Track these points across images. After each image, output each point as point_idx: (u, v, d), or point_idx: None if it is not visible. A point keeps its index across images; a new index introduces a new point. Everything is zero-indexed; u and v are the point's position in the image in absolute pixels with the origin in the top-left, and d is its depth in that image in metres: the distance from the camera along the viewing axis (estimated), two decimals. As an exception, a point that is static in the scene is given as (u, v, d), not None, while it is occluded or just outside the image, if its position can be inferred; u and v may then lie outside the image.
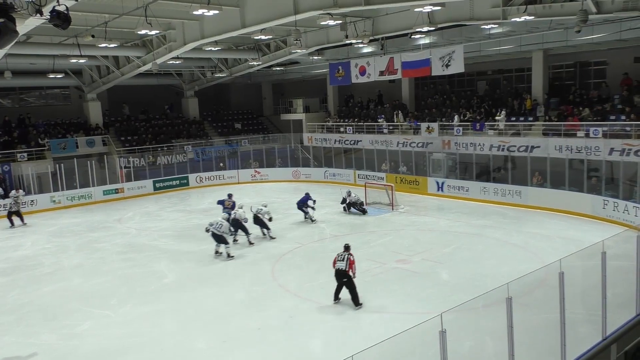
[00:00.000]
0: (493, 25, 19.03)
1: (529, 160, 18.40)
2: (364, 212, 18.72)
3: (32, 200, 22.04)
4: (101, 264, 14.15)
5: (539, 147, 18.56)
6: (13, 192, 20.17)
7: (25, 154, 24.05)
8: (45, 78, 25.12)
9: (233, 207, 16.17)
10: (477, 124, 21.32)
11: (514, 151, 19.38)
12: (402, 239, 15.19)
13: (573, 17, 14.01)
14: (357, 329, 9.32)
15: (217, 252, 14.16)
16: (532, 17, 15.05)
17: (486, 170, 20.30)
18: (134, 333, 9.65)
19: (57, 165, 23.09)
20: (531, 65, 21.70)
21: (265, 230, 15.68)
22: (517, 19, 15.41)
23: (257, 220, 15.52)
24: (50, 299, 11.66)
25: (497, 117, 20.98)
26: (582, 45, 19.45)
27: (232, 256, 13.91)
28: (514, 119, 20.85)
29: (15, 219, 19.37)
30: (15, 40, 11.65)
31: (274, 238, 15.60)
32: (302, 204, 17.74)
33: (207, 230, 13.96)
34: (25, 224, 19.41)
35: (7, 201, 20.13)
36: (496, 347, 7.96)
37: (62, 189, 22.88)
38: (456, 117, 22.33)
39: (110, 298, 11.53)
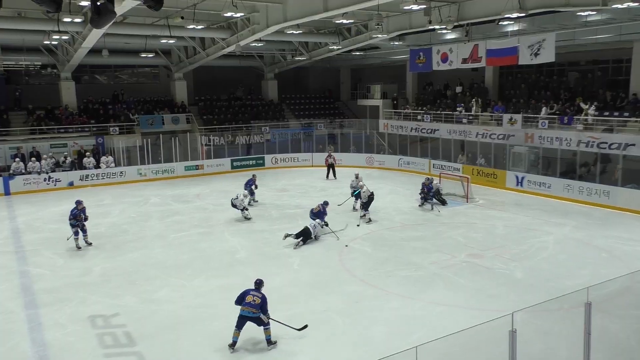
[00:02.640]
0: (591, 12, 17.68)
1: (620, 159, 17.14)
2: (443, 202, 17.97)
3: (121, 172, 23.63)
4: (180, 236, 14.92)
5: (634, 145, 17.19)
6: (104, 157, 22.89)
7: (117, 128, 25.72)
8: (137, 57, 26.58)
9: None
10: (565, 118, 20.07)
11: (604, 148, 18.10)
12: (475, 233, 14.73)
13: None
14: (423, 321, 9.20)
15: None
16: (637, 4, 13.84)
17: (572, 167, 19.13)
18: (206, 304, 10.12)
19: (145, 140, 24.53)
20: (631, 57, 20.03)
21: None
22: (619, 6, 14.20)
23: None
24: (133, 265, 12.48)
25: (586, 109, 19.49)
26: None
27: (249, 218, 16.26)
28: (607, 113, 19.42)
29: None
30: (113, 21, 12.42)
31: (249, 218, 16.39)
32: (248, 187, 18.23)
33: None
34: None
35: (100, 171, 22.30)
36: (570, 353, 7.59)
37: (148, 163, 24.31)
38: (544, 109, 21.14)
39: (186, 269, 12.15)
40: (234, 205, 16.43)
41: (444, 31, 22.34)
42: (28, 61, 25.77)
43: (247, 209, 16.68)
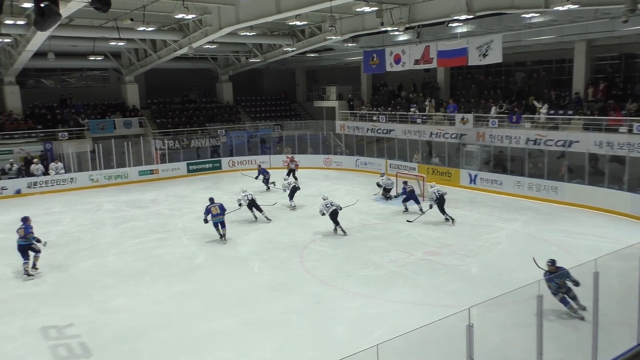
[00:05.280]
0: (534, 14, 18.43)
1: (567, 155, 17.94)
2: (387, 198, 18.81)
3: (71, 178, 22.80)
4: (135, 243, 14.55)
5: (578, 142, 18.03)
6: (52, 164, 22.24)
7: (66, 133, 24.80)
8: (85, 60, 25.75)
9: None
10: (514, 117, 20.82)
11: (551, 145, 18.88)
12: (431, 231, 15.07)
13: (620, 7, 13.42)
14: (383, 319, 9.33)
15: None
16: (577, 6, 14.49)
17: (520, 164, 19.87)
18: (164, 311, 9.92)
19: (96, 145, 23.77)
20: (573, 57, 21.00)
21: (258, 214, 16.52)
22: (560, 8, 14.82)
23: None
24: (87, 274, 12.09)
25: (539, 108, 20.26)
26: (630, 36, 18.67)
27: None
28: (552, 112, 20.28)
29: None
30: (58, 23, 11.96)
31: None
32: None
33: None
34: None
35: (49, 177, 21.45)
36: (524, 345, 7.87)
37: (100, 168, 23.56)
38: (493, 109, 21.85)
39: (143, 276, 11.86)
40: (252, 204, 16.19)
41: (396, 33, 22.71)
42: (-33, 65, 24.51)
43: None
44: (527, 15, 18.73)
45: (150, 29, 19.54)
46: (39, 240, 12.06)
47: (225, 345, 8.56)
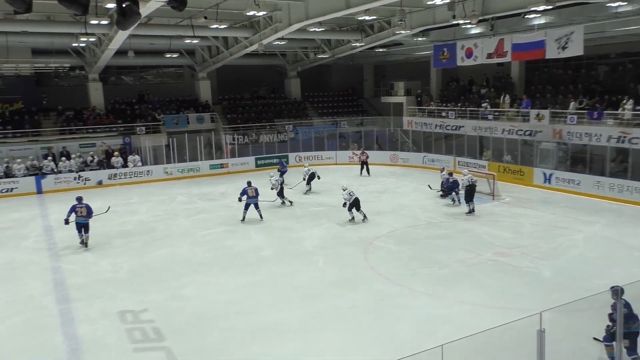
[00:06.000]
0: (621, 3, 17.21)
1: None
2: (445, 194, 18.20)
3: (148, 171, 24.06)
4: (206, 234, 15.11)
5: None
6: (131, 157, 23.72)
7: (143, 128, 26.15)
8: (162, 57, 27.00)
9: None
10: (595, 113, 19.61)
11: (636, 144, 17.62)
12: (501, 231, 14.53)
13: None
14: (448, 319, 9.12)
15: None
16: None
17: (601, 164, 18.70)
18: (232, 300, 10.23)
19: (170, 139, 24.91)
20: (664, 48, 19.50)
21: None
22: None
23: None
24: (161, 262, 12.69)
25: (624, 105, 18.97)
26: None
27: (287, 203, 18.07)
28: (638, 108, 18.91)
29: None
30: (138, 22, 12.60)
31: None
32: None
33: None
34: None
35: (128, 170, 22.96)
36: (600, 354, 7.44)
37: (174, 162, 24.67)
38: (572, 104, 20.69)
39: (212, 266, 12.30)
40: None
41: (469, 26, 22.06)
42: (57, 63, 26.37)
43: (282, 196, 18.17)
44: (613, 4, 17.51)
45: (222, 26, 20.16)
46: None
47: (291, 336, 8.70)
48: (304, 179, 19.67)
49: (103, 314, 9.72)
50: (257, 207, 16.16)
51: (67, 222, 13.66)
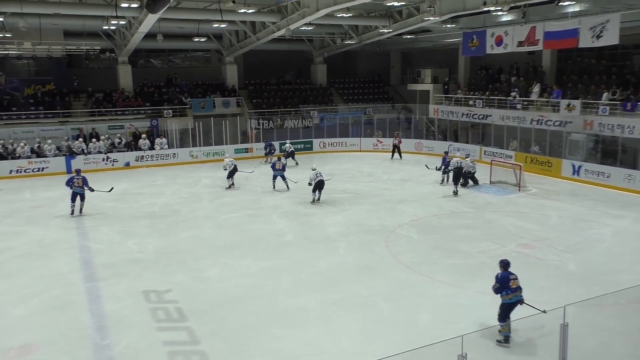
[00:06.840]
0: (662, -9, 16.61)
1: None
2: (465, 184, 18.24)
3: (174, 153, 24.40)
4: (229, 217, 15.28)
5: None
6: (158, 139, 24.12)
7: (170, 111, 26.47)
8: (190, 42, 27.14)
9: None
10: (629, 104, 19.03)
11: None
12: (527, 223, 14.31)
13: None
14: (469, 310, 9.08)
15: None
16: None
17: (633, 156, 18.19)
18: (253, 284, 10.36)
19: (196, 122, 25.16)
20: None
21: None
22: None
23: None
24: (184, 244, 12.91)
25: None
26: None
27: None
28: (675, 100, 18.29)
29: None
30: (168, 5, 12.72)
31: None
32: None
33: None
34: None
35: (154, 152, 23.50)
36: (625, 351, 7.32)
37: (200, 145, 24.94)
38: (605, 95, 20.11)
39: (234, 249, 12.46)
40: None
41: (500, 13, 21.54)
42: (88, 46, 26.79)
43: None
44: (652, -8, 16.89)
45: (250, 10, 20.15)
46: (92, 190, 15.34)
47: (311, 321, 8.78)
48: (310, 184, 16.78)
49: (128, 293, 9.95)
50: (283, 178, 18.33)
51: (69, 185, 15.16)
